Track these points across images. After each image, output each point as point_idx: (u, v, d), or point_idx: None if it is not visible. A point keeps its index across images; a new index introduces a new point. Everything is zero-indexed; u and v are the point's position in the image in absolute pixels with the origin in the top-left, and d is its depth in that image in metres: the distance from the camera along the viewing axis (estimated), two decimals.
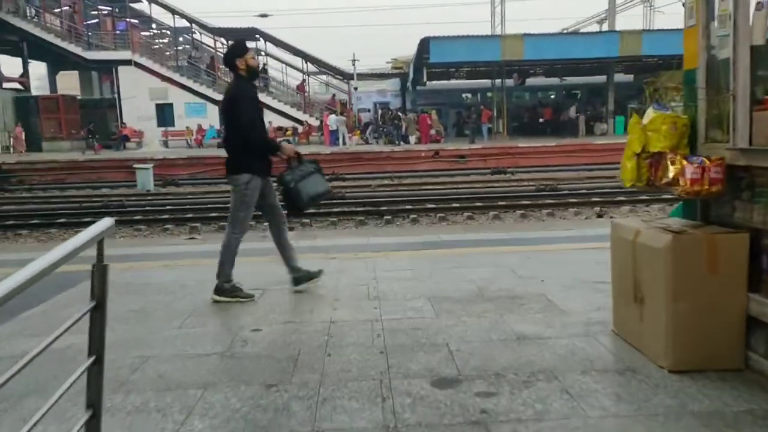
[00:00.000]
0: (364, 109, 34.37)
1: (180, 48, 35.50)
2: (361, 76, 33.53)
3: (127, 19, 31.35)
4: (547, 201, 11.99)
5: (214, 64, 31.87)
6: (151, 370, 2.81)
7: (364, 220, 10.59)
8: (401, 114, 27.38)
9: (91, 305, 1.67)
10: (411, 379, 2.63)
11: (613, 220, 3.11)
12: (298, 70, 34.10)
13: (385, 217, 10.74)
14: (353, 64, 31.69)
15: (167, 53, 33.65)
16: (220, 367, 2.84)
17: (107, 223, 1.69)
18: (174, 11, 30.11)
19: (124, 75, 28.79)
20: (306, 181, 3.98)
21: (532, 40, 23.45)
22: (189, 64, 30.86)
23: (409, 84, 33.12)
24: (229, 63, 4.07)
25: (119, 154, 23.89)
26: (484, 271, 4.67)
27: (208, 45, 34.72)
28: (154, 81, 29.04)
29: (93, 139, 26.05)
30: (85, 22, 31.70)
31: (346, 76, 33.63)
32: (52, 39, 27.94)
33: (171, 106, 29.35)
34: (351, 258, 5.29)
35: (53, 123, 28.06)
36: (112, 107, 29.98)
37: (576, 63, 27.17)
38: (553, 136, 26.31)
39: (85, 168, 20.52)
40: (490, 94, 29.72)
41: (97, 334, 1.70)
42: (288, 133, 28.11)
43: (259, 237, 9.05)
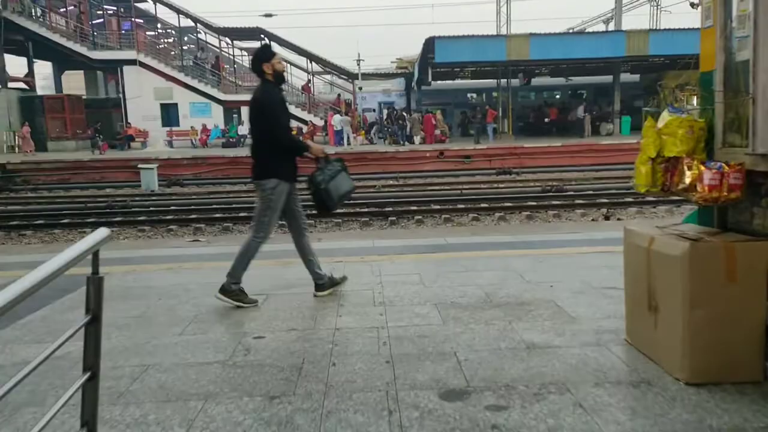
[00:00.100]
0: (368, 109, 34.27)
1: (185, 48, 35.51)
2: (366, 76, 33.44)
3: (132, 19, 31.37)
4: (554, 202, 11.90)
5: (219, 64, 31.86)
6: (151, 380, 2.74)
7: (368, 221, 10.52)
8: (405, 114, 27.28)
9: (86, 319, 1.60)
10: (418, 391, 2.55)
11: (626, 226, 3.02)
12: (303, 70, 34.05)
13: (389, 218, 10.66)
14: (358, 64, 31.60)
15: (172, 53, 33.66)
16: (222, 376, 2.77)
17: (103, 233, 1.62)
18: (179, 11, 30.08)
19: (129, 75, 28.81)
20: (335, 180, 4.00)
21: (537, 40, 23.31)
22: (195, 65, 30.83)
23: (413, 84, 33.01)
24: (256, 68, 4.03)
25: (124, 154, 23.90)
26: (491, 275, 4.58)
27: (213, 45, 34.71)
28: (159, 81, 29.05)
29: (99, 138, 26.06)
30: (90, 22, 31.73)
31: (351, 76, 33.55)
32: (57, 39, 27.96)
33: (176, 105, 29.37)
34: (356, 261, 5.22)
35: (58, 123, 28.07)
36: (117, 107, 30.01)
37: (582, 63, 27.01)
38: (558, 136, 26.17)
39: (90, 168, 20.52)
40: (495, 94, 29.60)
41: (92, 348, 1.63)
42: (292, 132, 28.03)
43: None
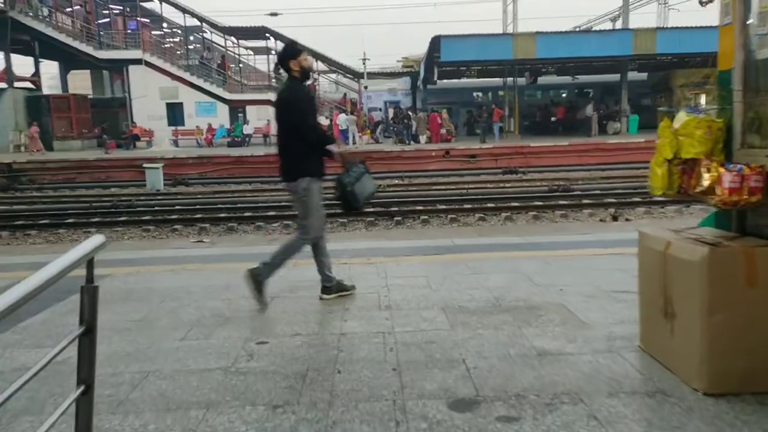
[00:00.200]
0: (374, 108, 34.17)
1: (191, 47, 35.50)
2: (372, 75, 33.37)
3: (138, 19, 31.38)
4: (561, 202, 11.79)
5: (225, 63, 31.82)
6: (151, 387, 2.67)
7: (374, 221, 10.43)
8: (411, 113, 27.17)
9: (80, 330, 1.53)
10: (426, 400, 2.47)
11: (640, 229, 2.93)
12: None
13: (395, 218, 10.58)
14: (364, 63, 31.55)
15: (178, 52, 33.65)
16: (224, 384, 2.70)
17: (97, 240, 1.55)
18: (184, 10, 30.08)
19: (134, 74, 28.82)
20: (360, 182, 4.05)
21: (544, 39, 23.15)
22: (201, 64, 30.81)
23: (419, 83, 32.89)
24: (283, 65, 4.00)
25: (129, 154, 23.90)
26: (499, 278, 4.50)
27: (219, 44, 34.68)
28: (165, 80, 29.04)
29: (106, 138, 26.07)
30: (96, 22, 31.77)
31: (357, 75, 33.48)
32: (63, 38, 27.99)
33: (181, 105, 29.35)
34: (362, 263, 5.14)
35: (64, 122, 28.12)
36: (123, 106, 30.03)
37: (589, 61, 26.82)
38: (565, 135, 25.99)
39: (96, 167, 20.53)
40: (501, 92, 29.44)
41: (86, 361, 1.55)
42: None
43: (266, 240, 8.95)
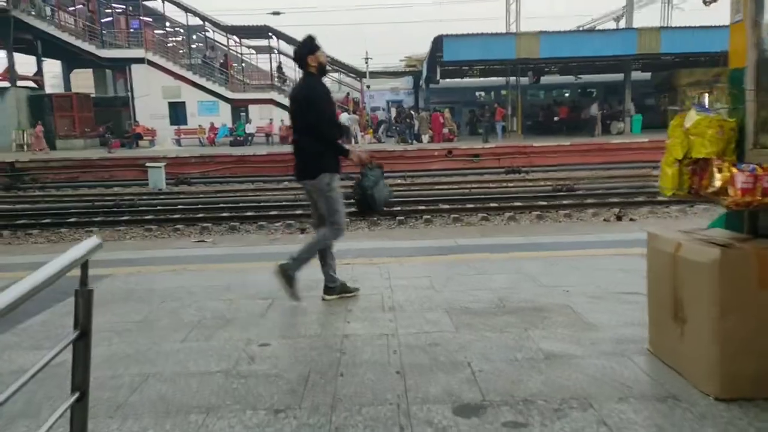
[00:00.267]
0: (376, 108, 34.12)
1: (194, 46, 35.49)
2: (374, 74, 33.31)
3: (141, 17, 31.38)
4: (564, 202, 11.72)
5: (228, 62, 31.79)
6: (151, 391, 2.62)
7: (377, 220, 10.39)
8: (413, 112, 27.11)
9: (74, 335, 1.48)
10: (431, 405, 2.42)
11: (648, 230, 2.87)
12: None
13: (398, 218, 10.53)
14: (366, 62, 31.48)
15: (181, 51, 33.65)
16: (224, 387, 2.65)
17: (92, 242, 1.50)
18: (187, 9, 30.05)
19: (137, 73, 28.81)
20: (377, 186, 4.12)
21: (547, 38, 23.07)
22: (204, 63, 30.79)
23: (422, 82, 32.82)
24: (300, 60, 3.93)
25: (132, 153, 23.90)
26: (503, 279, 4.44)
27: (221, 44, 34.66)
28: (167, 79, 29.03)
29: (110, 137, 26.04)
30: (99, 20, 31.78)
31: (359, 74, 33.42)
32: (65, 37, 27.99)
33: (184, 104, 29.35)
34: (365, 263, 5.09)
35: (67, 121, 28.14)
36: (126, 105, 30.05)
37: (592, 61, 26.73)
38: (568, 135, 25.91)
39: (98, 166, 20.52)
40: (504, 92, 29.36)
41: (81, 366, 1.50)
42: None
43: (268, 240, 8.90)
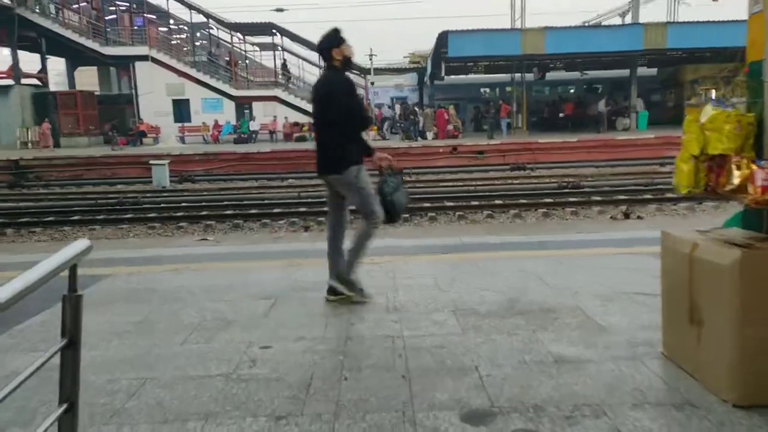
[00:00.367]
0: (380, 104, 33.97)
1: (197, 43, 35.41)
2: (378, 71, 33.17)
3: (145, 15, 31.33)
4: (570, 199, 11.60)
5: (233, 60, 31.70)
6: (148, 396, 2.54)
7: None
8: (418, 109, 26.97)
9: (62, 343, 1.40)
10: (438, 412, 2.33)
11: (663, 230, 2.78)
12: (315, 64, 33.85)
13: (402, 215, 10.43)
14: (370, 59, 31.35)
15: (185, 49, 33.59)
16: (224, 392, 2.56)
17: (81, 245, 1.42)
18: (191, 6, 29.98)
19: (141, 70, 28.78)
20: (397, 192, 4.07)
21: (553, 34, 22.91)
22: (209, 61, 30.71)
23: (426, 79, 32.66)
24: (324, 53, 3.82)
25: (136, 150, 23.88)
26: (510, 278, 4.35)
27: (225, 41, 34.59)
28: (171, 76, 28.99)
29: (116, 135, 26.02)
30: (103, 18, 31.74)
31: (363, 71, 33.28)
32: (69, 35, 27.98)
33: (187, 101, 29.31)
34: (369, 262, 4.98)
35: (71, 119, 28.14)
36: (130, 103, 30.03)
37: (598, 57, 26.52)
38: (573, 131, 25.73)
39: (102, 164, 20.50)
40: (509, 88, 29.19)
41: (69, 376, 1.42)
42: (304, 128, 27.88)
43: (272, 239, 8.83)
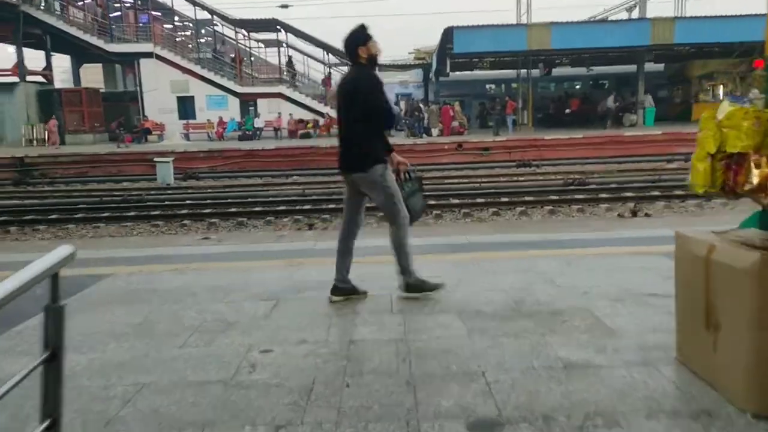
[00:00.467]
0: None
1: (202, 40, 35.34)
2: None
3: (150, 12, 31.28)
4: (577, 196, 11.47)
5: (238, 56, 31.61)
6: (144, 403, 2.46)
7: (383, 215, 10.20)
8: (423, 105, 26.82)
9: (44, 356, 1.32)
10: (443, 421, 2.24)
11: (677, 230, 2.67)
12: (320, 61, 33.73)
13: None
14: None
15: (189, 45, 33.54)
16: (222, 399, 2.48)
17: (63, 252, 1.33)
18: (195, 3, 29.89)
19: (145, 67, 28.74)
20: (413, 198, 4.06)
21: (559, 29, 22.69)
22: (214, 58, 30.64)
23: (431, 75, 32.50)
24: (349, 51, 3.73)
25: (141, 147, 23.87)
26: (517, 279, 4.25)
27: (230, 37, 34.50)
28: (176, 73, 28.94)
29: (122, 132, 26.02)
30: (108, 15, 31.73)
31: None
32: (74, 32, 27.97)
33: (192, 98, 29.26)
34: (373, 262, 4.91)
35: (76, 116, 28.17)
36: (135, 100, 30.03)
37: (604, 52, 26.29)
38: (579, 127, 25.53)
39: (107, 161, 20.50)
40: (514, 84, 29.01)
41: (51, 392, 1.34)
42: (309, 125, 27.81)
43: (275, 237, 8.75)
